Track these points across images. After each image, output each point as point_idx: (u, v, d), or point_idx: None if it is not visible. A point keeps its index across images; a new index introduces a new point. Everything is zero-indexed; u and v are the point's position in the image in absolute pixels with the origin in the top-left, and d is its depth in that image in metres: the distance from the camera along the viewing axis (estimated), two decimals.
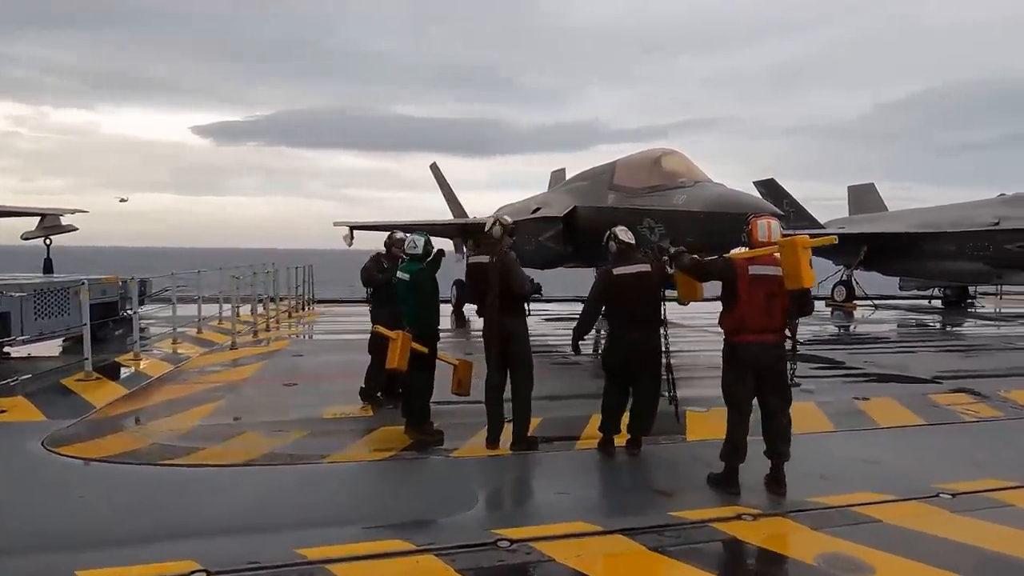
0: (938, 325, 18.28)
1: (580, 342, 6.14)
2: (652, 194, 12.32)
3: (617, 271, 5.89)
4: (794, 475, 5.08)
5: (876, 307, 22.27)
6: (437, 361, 6.53)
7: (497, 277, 5.93)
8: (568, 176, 21.55)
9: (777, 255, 4.96)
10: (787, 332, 5.08)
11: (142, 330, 11.39)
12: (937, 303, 24.14)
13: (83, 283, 9.14)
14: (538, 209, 15.49)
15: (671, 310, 6.07)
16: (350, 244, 17.78)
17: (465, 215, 22.31)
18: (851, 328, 17.81)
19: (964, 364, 11.35)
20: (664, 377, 5.99)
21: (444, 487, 5.23)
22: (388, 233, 8.52)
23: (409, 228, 19.32)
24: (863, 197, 26.31)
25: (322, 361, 10.61)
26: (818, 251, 24.19)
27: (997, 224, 18.20)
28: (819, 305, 21.84)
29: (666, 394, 6.02)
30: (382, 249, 8.49)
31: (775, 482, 5.05)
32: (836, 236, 5.25)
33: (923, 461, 5.90)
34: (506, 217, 6.49)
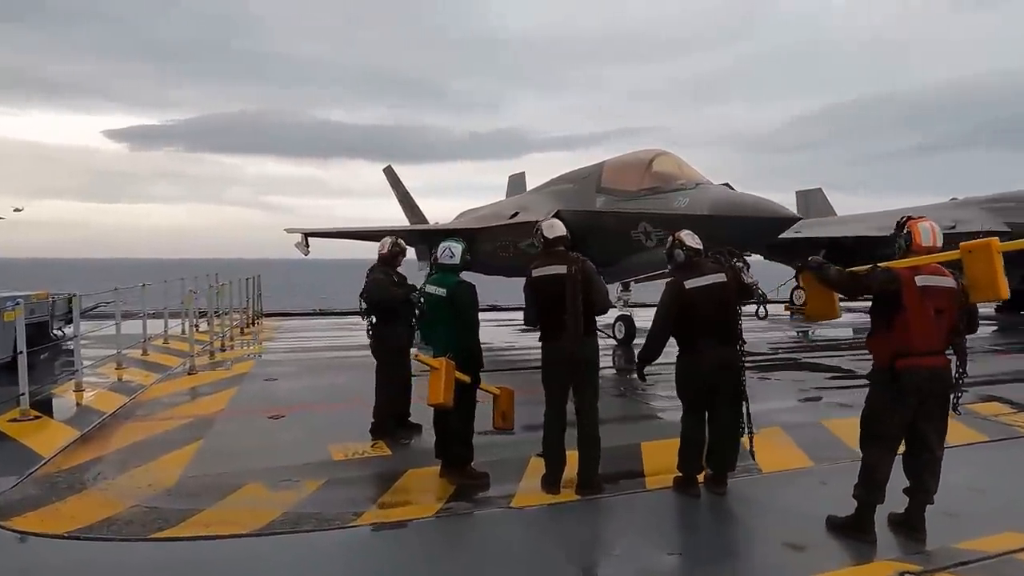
0: None
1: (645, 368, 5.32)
2: (648, 197, 11.69)
3: (690, 284, 5.10)
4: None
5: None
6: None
7: (579, 291, 5.01)
8: (528, 180, 20.84)
9: (938, 263, 4.27)
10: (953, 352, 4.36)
11: (71, 353, 9.76)
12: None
13: (18, 303, 7.58)
14: (516, 214, 14.60)
15: None
16: (306, 253, 16.35)
17: (425, 221, 21.17)
18: (827, 333, 17.69)
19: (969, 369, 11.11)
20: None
21: (524, 549, 4.27)
22: (390, 240, 7.33)
23: (371, 235, 18.05)
24: (812, 202, 26.78)
25: (303, 386, 9.32)
26: (777, 255, 24.28)
27: (953, 228, 18.60)
28: (778, 308, 21.88)
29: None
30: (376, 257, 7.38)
31: (913, 527, 4.35)
32: None
33: None
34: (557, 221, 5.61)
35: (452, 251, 5.59)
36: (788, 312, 21.64)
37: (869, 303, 4.51)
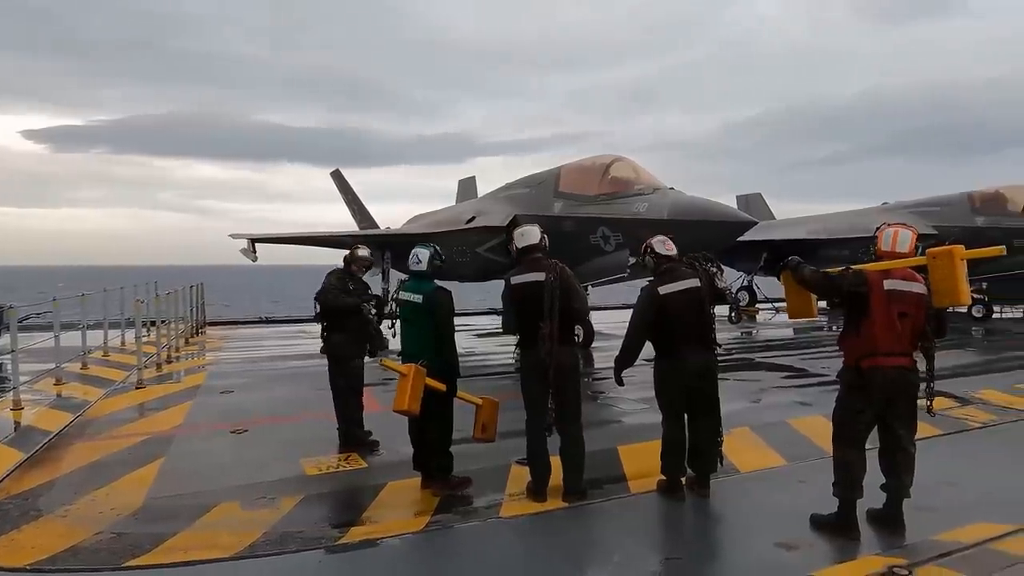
0: (835, 328, 19.25)
1: (623, 373, 5.35)
2: (607, 202, 11.84)
3: (664, 290, 5.15)
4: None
5: (777, 311, 23.33)
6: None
7: (556, 299, 4.98)
8: (479, 185, 20.82)
9: (911, 268, 4.43)
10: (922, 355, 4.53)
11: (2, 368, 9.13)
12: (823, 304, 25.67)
13: None
14: (473, 218, 14.52)
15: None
16: (254, 259, 15.81)
17: (375, 225, 20.82)
18: (774, 333, 18.27)
19: None
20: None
21: (519, 560, 4.22)
22: (349, 250, 7.22)
23: (320, 240, 17.59)
24: (753, 206, 27.63)
25: (261, 398, 8.97)
26: (722, 259, 25.12)
27: None
28: (723, 310, 22.53)
29: None
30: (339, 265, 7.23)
31: (894, 519, 4.51)
32: (1003, 247, 4.73)
33: (992, 478, 5.64)
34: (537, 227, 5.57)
35: (419, 256, 5.49)
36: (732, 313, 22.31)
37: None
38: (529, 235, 5.41)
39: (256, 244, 16.14)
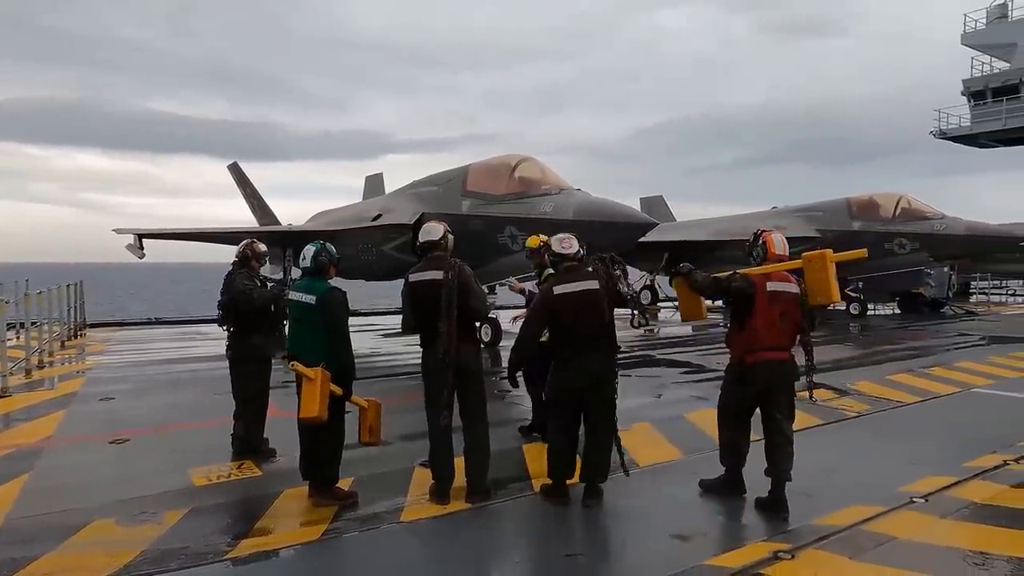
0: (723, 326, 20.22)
1: (517, 373, 5.31)
2: (514, 201, 11.90)
3: (559, 290, 5.03)
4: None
5: (676, 309, 24.32)
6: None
7: (454, 297, 4.90)
8: (386, 182, 20.43)
9: (785, 271, 4.79)
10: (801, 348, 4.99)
11: None
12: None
13: None
14: (379, 216, 14.22)
15: None
16: (141, 256, 14.77)
17: (276, 221, 19.99)
18: (674, 331, 18.96)
19: None
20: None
21: (422, 564, 4.14)
22: (246, 241, 6.82)
23: (215, 236, 16.73)
24: (655, 208, 28.66)
25: (146, 405, 8.35)
26: (625, 258, 25.90)
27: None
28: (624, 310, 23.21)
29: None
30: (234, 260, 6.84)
31: (778, 503, 4.80)
32: (865, 250, 5.21)
33: (866, 464, 6.06)
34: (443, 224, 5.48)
35: (304, 254, 5.26)
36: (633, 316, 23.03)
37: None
38: (431, 231, 5.30)
39: (143, 240, 15.09)
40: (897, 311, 22.77)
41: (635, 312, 5.60)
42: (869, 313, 21.19)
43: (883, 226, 19.94)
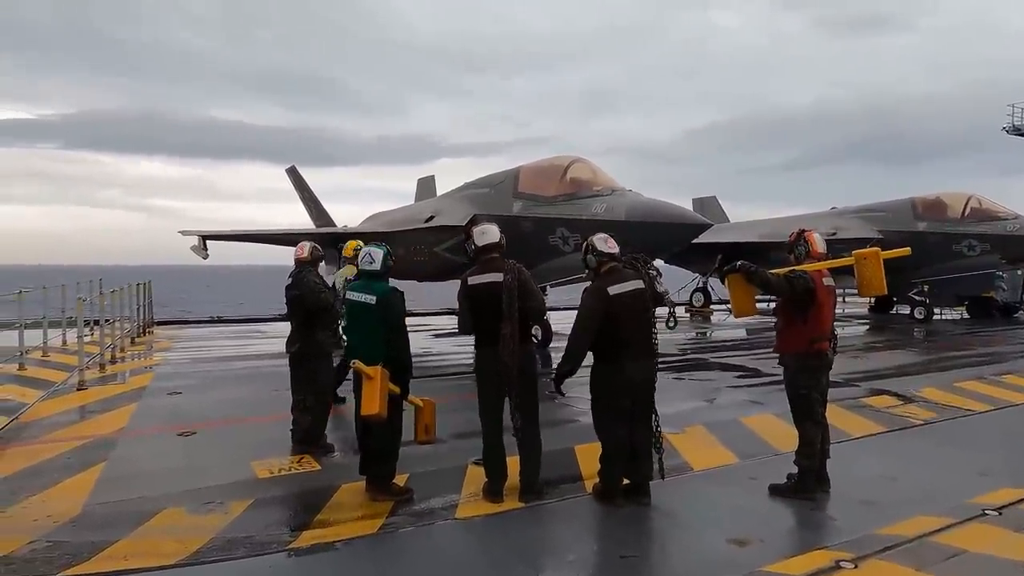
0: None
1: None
2: (565, 202, 11.89)
3: (614, 290, 4.98)
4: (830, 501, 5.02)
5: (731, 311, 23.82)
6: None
7: (515, 299, 4.94)
8: (437, 184, 20.67)
9: (825, 269, 5.24)
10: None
11: None
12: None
13: None
14: (432, 217, 14.41)
15: None
16: (205, 256, 15.37)
17: (332, 223, 20.48)
18: (728, 334, 18.63)
19: (855, 365, 11.72)
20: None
21: (476, 560, 4.19)
22: (310, 244, 7.03)
23: (275, 238, 17.23)
24: (708, 208, 28.15)
25: (211, 400, 8.71)
26: (676, 260, 25.40)
27: (834, 234, 20.16)
28: (679, 310, 22.85)
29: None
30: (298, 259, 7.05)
31: (820, 477, 5.23)
32: (908, 249, 5.74)
33: (933, 474, 5.84)
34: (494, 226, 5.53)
35: (372, 256, 5.31)
36: (688, 314, 22.70)
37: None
38: (489, 233, 5.33)
39: (207, 241, 15.69)
40: (965, 316, 21.79)
41: (672, 312, 5.65)
42: (935, 318, 20.32)
43: (951, 227, 19.08)
